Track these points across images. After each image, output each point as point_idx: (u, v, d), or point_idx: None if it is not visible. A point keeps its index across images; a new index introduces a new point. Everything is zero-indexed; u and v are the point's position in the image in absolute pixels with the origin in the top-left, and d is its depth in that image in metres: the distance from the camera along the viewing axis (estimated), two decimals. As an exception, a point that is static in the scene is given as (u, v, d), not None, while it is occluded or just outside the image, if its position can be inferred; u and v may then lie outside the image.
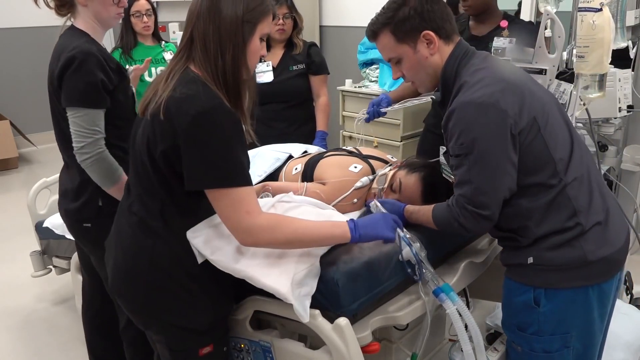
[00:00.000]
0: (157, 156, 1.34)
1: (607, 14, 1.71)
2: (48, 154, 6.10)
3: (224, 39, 1.33)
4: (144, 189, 1.42)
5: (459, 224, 1.46)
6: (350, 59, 4.50)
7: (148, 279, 1.42)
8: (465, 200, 1.43)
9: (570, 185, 1.44)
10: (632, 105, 2.05)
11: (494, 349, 1.85)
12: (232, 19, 1.32)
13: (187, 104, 1.29)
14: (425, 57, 1.51)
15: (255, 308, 1.56)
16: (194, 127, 1.28)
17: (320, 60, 2.90)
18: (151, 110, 1.33)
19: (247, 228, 1.34)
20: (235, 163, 1.32)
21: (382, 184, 1.83)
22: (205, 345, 1.47)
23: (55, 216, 2.69)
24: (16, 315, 3.02)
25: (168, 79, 1.35)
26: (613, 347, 2.00)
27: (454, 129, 1.43)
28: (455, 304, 1.47)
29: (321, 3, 5.08)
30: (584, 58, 1.76)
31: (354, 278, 1.46)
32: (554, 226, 1.44)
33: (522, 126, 1.40)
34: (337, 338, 1.39)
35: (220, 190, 1.32)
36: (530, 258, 1.47)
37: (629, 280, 2.38)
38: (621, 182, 2.20)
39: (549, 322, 1.49)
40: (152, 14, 3.36)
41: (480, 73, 1.46)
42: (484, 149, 1.39)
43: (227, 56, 1.34)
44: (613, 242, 1.48)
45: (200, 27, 1.34)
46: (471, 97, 1.41)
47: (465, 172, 1.42)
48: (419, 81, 1.59)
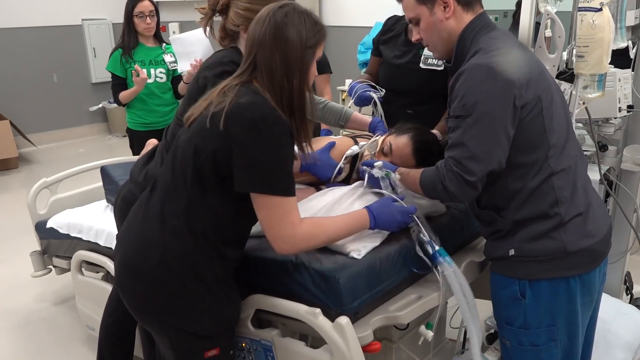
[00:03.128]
0: (205, 155, 1.34)
1: (607, 14, 1.71)
2: (48, 154, 6.11)
3: (291, 66, 1.36)
4: (174, 186, 1.41)
5: (442, 186, 1.46)
6: (350, 59, 4.51)
7: (155, 277, 1.41)
8: (454, 162, 1.43)
9: (557, 175, 1.47)
10: (632, 105, 2.05)
11: (494, 349, 1.85)
12: (297, 46, 1.36)
13: (248, 109, 1.31)
14: (440, 20, 1.53)
15: (256, 307, 1.56)
16: (252, 130, 1.30)
17: (323, 60, 2.88)
18: (211, 114, 1.34)
19: (289, 238, 1.38)
20: (286, 173, 1.35)
21: (373, 149, 1.86)
22: (211, 349, 1.46)
23: (59, 215, 2.69)
24: (16, 315, 3.02)
25: (224, 91, 1.37)
26: (613, 347, 2.00)
27: (459, 90, 1.44)
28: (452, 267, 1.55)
29: (321, 3, 5.09)
30: (583, 58, 1.76)
31: (355, 276, 1.46)
32: (534, 212, 1.47)
33: (526, 101, 1.42)
34: (337, 337, 1.39)
35: (271, 197, 1.34)
36: (512, 250, 1.51)
37: (629, 280, 2.39)
38: (621, 182, 2.20)
39: (534, 314, 1.51)
40: (155, 15, 3.36)
41: (497, 43, 1.48)
42: (484, 113, 1.40)
43: (295, 82, 1.37)
44: (594, 233, 1.51)
45: (266, 54, 1.36)
46: (483, 61, 1.43)
47: (460, 134, 1.43)
48: (432, 44, 1.61)
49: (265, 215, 1.36)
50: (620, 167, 2.18)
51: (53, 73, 6.38)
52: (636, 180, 2.20)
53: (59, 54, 6.36)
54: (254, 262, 1.58)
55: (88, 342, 2.72)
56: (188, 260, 1.40)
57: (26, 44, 6.13)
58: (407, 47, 2.35)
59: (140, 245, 1.44)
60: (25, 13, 6.08)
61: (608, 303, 2.03)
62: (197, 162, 1.36)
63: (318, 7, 5.02)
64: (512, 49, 1.48)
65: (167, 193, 1.43)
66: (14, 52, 6.11)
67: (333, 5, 5.02)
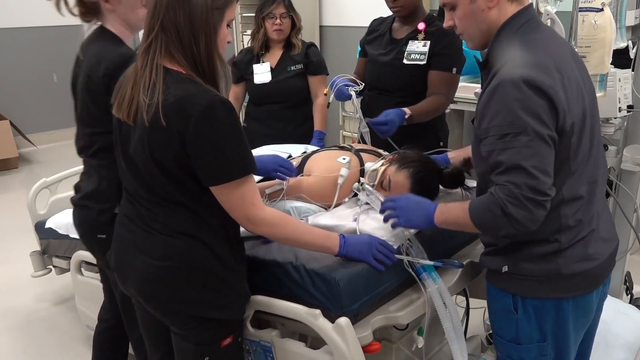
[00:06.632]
0: (169, 164, 1.34)
1: (608, 14, 1.71)
2: (48, 154, 6.10)
3: (197, 27, 1.33)
4: (160, 197, 1.41)
5: (502, 213, 1.28)
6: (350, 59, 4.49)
7: (185, 276, 1.42)
8: (514, 186, 1.27)
9: (567, 204, 1.38)
10: (632, 105, 2.05)
11: (494, 349, 1.84)
12: (202, 7, 1.33)
13: (184, 107, 1.29)
14: (481, 9, 1.37)
15: (256, 308, 1.56)
16: (198, 128, 1.29)
17: (318, 61, 2.89)
18: (147, 118, 1.32)
19: (252, 219, 1.39)
20: (243, 153, 1.35)
21: (373, 180, 1.80)
22: (227, 337, 1.50)
23: (58, 215, 2.69)
24: (16, 315, 3.02)
25: (149, 80, 1.33)
26: (613, 347, 2.00)
27: (501, 105, 1.28)
28: (436, 284, 1.53)
29: (321, 3, 5.08)
30: (585, 58, 1.76)
31: (356, 278, 1.46)
32: (534, 236, 1.38)
33: (565, 127, 1.31)
34: (337, 338, 1.39)
35: (231, 182, 1.34)
36: (506, 267, 1.45)
37: (629, 280, 2.38)
38: (621, 182, 2.20)
39: (525, 329, 1.46)
40: None
41: (542, 51, 1.33)
42: (535, 131, 1.26)
43: (201, 45, 1.34)
44: (594, 257, 1.43)
45: (170, 16, 1.33)
46: (527, 73, 1.27)
47: (512, 155, 1.27)
48: (468, 34, 1.45)
49: (227, 199, 1.37)
50: (620, 167, 2.17)
51: (53, 73, 6.36)
52: (636, 180, 2.20)
53: (59, 54, 6.31)
54: (253, 262, 1.58)
55: (88, 342, 2.71)
56: (209, 250, 1.42)
57: (26, 44, 6.12)
58: (391, 45, 2.39)
59: (156, 254, 1.43)
60: (25, 13, 6.08)
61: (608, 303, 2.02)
62: (166, 173, 1.36)
63: (318, 7, 5.01)
64: (556, 63, 1.32)
65: (157, 206, 1.42)
66: (14, 52, 6.10)
67: (333, 5, 5.00)
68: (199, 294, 1.44)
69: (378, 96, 2.44)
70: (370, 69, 2.48)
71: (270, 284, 1.56)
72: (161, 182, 1.38)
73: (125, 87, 1.39)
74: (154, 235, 1.43)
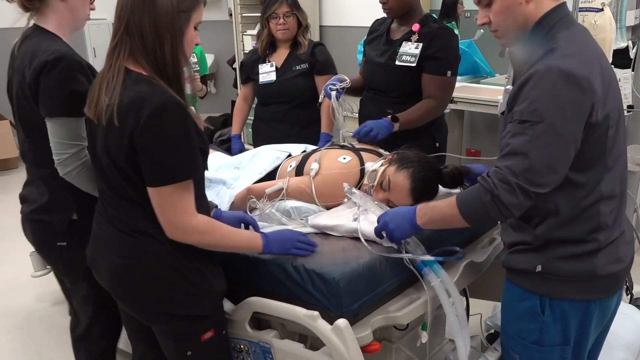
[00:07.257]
0: (122, 164, 1.35)
1: (609, 14, 1.71)
2: (48, 154, 6.10)
3: (162, 30, 1.33)
4: (120, 196, 1.42)
5: (491, 198, 1.30)
6: (350, 59, 4.49)
7: (150, 274, 1.43)
8: (509, 172, 1.29)
9: (605, 201, 1.37)
10: (632, 105, 2.05)
11: (494, 349, 1.85)
12: (167, 10, 1.33)
13: (137, 107, 1.30)
14: (519, 2, 1.36)
15: (254, 310, 1.56)
16: (145, 126, 1.29)
17: (324, 60, 2.85)
18: (105, 119, 1.33)
19: (182, 227, 1.37)
20: (188, 157, 1.34)
21: (372, 180, 1.80)
22: (206, 331, 1.50)
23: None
24: (16, 315, 3.02)
25: (111, 82, 1.34)
26: (613, 347, 2.00)
27: (530, 92, 1.29)
28: (439, 277, 1.52)
29: (321, 3, 5.08)
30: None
31: (355, 279, 1.46)
32: (572, 234, 1.38)
33: (600, 118, 1.30)
34: (336, 340, 1.39)
35: (169, 186, 1.33)
36: (539, 266, 1.41)
37: (629, 280, 2.38)
38: (621, 182, 2.20)
39: (550, 332, 1.44)
40: None
41: (578, 44, 1.34)
42: (557, 123, 1.26)
43: (166, 47, 1.34)
44: (623, 259, 1.43)
45: (135, 18, 1.33)
46: (563, 64, 1.27)
47: (523, 142, 1.28)
48: (503, 29, 1.41)
49: (160, 203, 1.35)
50: (621, 167, 2.17)
51: (53, 73, 6.37)
52: (636, 180, 2.20)
53: (59, 53, 6.35)
54: (253, 263, 1.58)
55: (88, 342, 2.72)
56: (170, 249, 1.41)
57: (26, 43, 6.13)
58: (387, 46, 2.39)
59: (123, 253, 1.44)
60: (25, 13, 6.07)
61: (608, 303, 2.03)
62: (122, 173, 1.37)
63: (318, 7, 5.01)
64: (592, 55, 1.33)
65: (120, 204, 1.43)
66: (14, 52, 6.11)
67: (333, 5, 5.01)
68: (162, 291, 1.44)
69: (374, 96, 2.44)
70: (368, 69, 2.49)
71: (270, 284, 1.56)
72: (118, 180, 1.39)
73: (94, 87, 1.40)
74: (117, 233, 1.44)
